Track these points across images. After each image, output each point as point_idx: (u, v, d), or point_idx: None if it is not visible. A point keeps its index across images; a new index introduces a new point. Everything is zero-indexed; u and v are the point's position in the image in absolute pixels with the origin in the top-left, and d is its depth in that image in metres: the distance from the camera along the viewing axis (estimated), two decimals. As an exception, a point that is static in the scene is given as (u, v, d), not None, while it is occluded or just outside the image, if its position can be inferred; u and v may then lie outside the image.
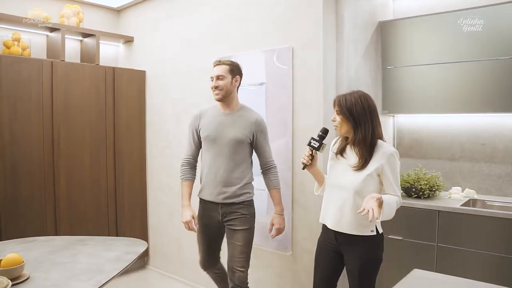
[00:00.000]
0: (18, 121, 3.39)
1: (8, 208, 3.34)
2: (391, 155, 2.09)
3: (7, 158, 3.33)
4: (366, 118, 2.10)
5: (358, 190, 2.10)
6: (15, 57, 3.43)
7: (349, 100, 2.11)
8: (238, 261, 2.59)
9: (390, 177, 2.09)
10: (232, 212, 2.62)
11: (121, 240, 2.66)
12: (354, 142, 2.13)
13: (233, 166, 2.62)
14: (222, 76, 2.60)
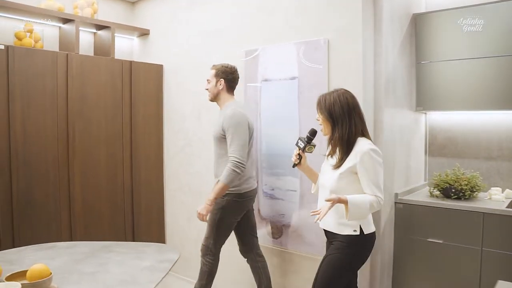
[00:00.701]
0: (32, 117, 3.10)
1: (21, 210, 3.05)
2: (365, 153, 2.01)
3: (20, 157, 3.05)
4: (344, 117, 2.07)
5: (333, 189, 2.07)
6: (28, 48, 3.14)
7: (328, 100, 2.11)
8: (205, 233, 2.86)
9: (365, 176, 2.01)
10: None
11: (149, 246, 2.41)
12: (332, 141, 2.12)
13: (217, 160, 2.82)
14: (209, 80, 2.89)
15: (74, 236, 3.31)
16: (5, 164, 2.99)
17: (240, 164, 2.62)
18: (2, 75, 2.96)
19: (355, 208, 1.95)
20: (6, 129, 3.00)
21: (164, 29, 3.91)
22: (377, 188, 2.01)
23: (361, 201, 1.98)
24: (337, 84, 2.74)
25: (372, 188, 2.01)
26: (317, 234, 2.86)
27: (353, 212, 1.95)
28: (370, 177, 2.01)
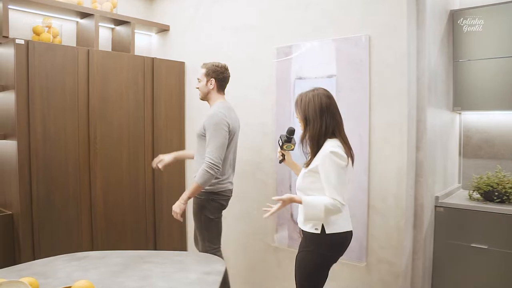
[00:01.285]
0: (52, 117, 2.87)
1: (41, 214, 2.83)
2: (326, 155, 1.97)
3: (40, 159, 2.82)
4: (315, 117, 2.04)
5: (300, 188, 2.11)
6: (48, 44, 2.91)
7: (304, 100, 2.09)
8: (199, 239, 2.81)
9: (324, 178, 1.98)
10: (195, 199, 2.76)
11: (188, 255, 2.21)
12: (304, 140, 2.09)
13: (197, 157, 2.78)
14: (199, 79, 2.80)
15: (95, 242, 3.09)
16: (25, 166, 2.76)
17: (214, 165, 2.55)
18: (22, 71, 2.73)
19: (309, 208, 1.96)
20: (26, 129, 2.77)
21: (185, 25, 3.69)
22: (335, 191, 1.95)
23: (317, 203, 1.95)
24: (380, 83, 2.58)
25: (331, 190, 1.95)
26: (356, 239, 2.67)
27: (307, 213, 1.97)
28: (329, 179, 1.96)
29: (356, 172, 2.66)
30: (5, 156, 2.88)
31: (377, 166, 2.61)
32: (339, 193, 1.95)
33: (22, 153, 2.75)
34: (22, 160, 2.75)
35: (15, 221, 2.79)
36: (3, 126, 2.88)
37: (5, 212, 2.84)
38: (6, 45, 2.82)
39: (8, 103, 2.81)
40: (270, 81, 3.06)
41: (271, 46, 3.07)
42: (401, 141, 2.52)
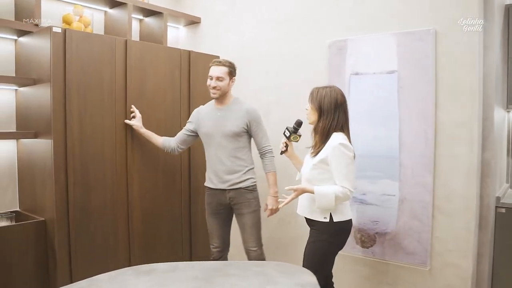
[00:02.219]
0: (88, 113, 2.57)
1: (77, 219, 2.53)
2: (335, 147, 2.08)
3: (76, 160, 2.52)
4: (330, 110, 2.14)
5: (308, 178, 2.18)
6: (85, 33, 2.61)
7: (320, 92, 2.18)
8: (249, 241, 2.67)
9: (334, 168, 2.08)
10: (239, 197, 2.65)
11: (268, 265, 1.97)
12: (316, 130, 2.19)
13: (234, 154, 2.65)
14: (221, 78, 2.62)
15: (132, 248, 2.80)
16: (61, 168, 2.45)
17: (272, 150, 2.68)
18: (59, 63, 2.42)
19: (321, 197, 2.06)
20: (62, 127, 2.46)
21: (219, 18, 3.42)
22: (346, 179, 2.06)
23: (327, 191, 2.06)
24: (447, 79, 2.42)
25: (341, 178, 2.06)
26: (419, 242, 2.52)
27: (319, 201, 2.07)
28: (339, 168, 2.07)
29: (419, 171, 2.50)
30: (36, 156, 2.57)
31: (443, 166, 2.44)
32: (349, 181, 2.06)
33: (58, 153, 2.44)
34: (58, 161, 2.44)
35: (49, 228, 2.49)
36: (34, 124, 2.57)
37: (37, 218, 2.53)
38: (39, 35, 2.50)
39: (41, 98, 2.50)
40: (321, 77, 2.85)
41: (322, 40, 2.86)
42: (471, 140, 2.37)
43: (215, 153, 2.67)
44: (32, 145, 2.61)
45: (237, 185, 2.64)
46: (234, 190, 2.64)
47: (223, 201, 2.70)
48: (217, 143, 2.65)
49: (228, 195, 2.67)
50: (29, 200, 2.67)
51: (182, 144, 2.82)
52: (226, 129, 2.63)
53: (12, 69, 2.73)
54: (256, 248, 2.65)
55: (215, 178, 2.68)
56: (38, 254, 2.47)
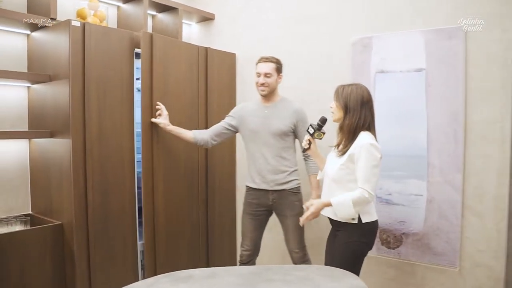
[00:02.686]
0: (108, 112, 2.45)
1: (97, 225, 2.41)
2: (364, 146, 2.01)
3: (95, 160, 2.39)
4: (356, 108, 2.08)
5: (335, 178, 2.11)
6: (104, 27, 2.48)
7: (346, 89, 2.12)
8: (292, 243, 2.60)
9: (358, 167, 2.02)
10: (282, 199, 2.57)
11: (309, 269, 1.89)
12: (342, 128, 2.13)
13: (280, 154, 2.56)
14: (269, 74, 2.55)
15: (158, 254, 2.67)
16: (80, 168, 2.33)
17: None
18: (78, 58, 2.30)
19: (340, 208, 2.03)
20: (81, 126, 2.34)
21: (235, 14, 3.32)
22: (368, 182, 1.99)
23: (344, 200, 2.01)
24: (478, 77, 2.37)
25: (362, 179, 2.00)
26: (448, 242, 2.47)
27: (340, 212, 2.04)
28: (364, 170, 2.00)
29: (448, 170, 2.45)
30: (52, 156, 2.43)
31: (474, 165, 2.39)
32: (370, 185, 1.99)
33: (77, 154, 2.31)
34: (77, 162, 2.31)
35: (67, 232, 2.36)
36: (50, 123, 2.44)
37: (53, 222, 2.39)
38: (56, 29, 2.37)
39: (57, 96, 2.37)
40: (344, 75, 2.78)
41: (344, 38, 2.78)
42: (502, 139, 2.32)
43: (260, 151, 2.58)
44: (47, 145, 2.47)
45: (281, 186, 2.55)
46: (278, 191, 2.56)
47: (264, 202, 2.61)
48: (263, 141, 2.57)
49: (271, 197, 2.58)
50: (43, 202, 2.53)
51: (217, 137, 2.68)
52: (274, 127, 2.54)
53: (24, 65, 2.59)
54: (298, 250, 2.58)
55: (258, 177, 2.59)
56: (55, 259, 2.34)
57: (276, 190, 2.56)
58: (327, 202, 2.08)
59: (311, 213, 2.11)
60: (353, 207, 1.99)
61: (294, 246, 2.58)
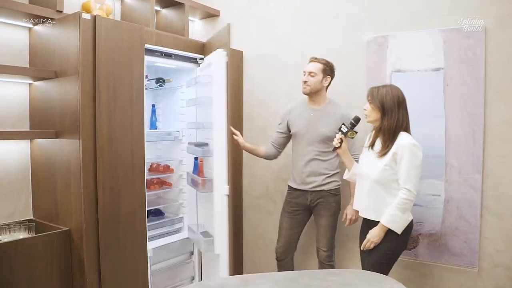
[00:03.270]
0: (118, 110, 2.31)
1: (106, 227, 2.26)
2: (406, 146, 2.02)
3: (105, 162, 2.25)
4: (394, 109, 2.08)
5: (378, 179, 2.09)
6: (115, 21, 2.35)
7: (381, 91, 2.11)
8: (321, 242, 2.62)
9: (400, 168, 2.03)
10: (320, 199, 2.57)
11: (345, 273, 1.83)
12: (380, 130, 2.11)
13: (321, 158, 2.56)
14: (313, 73, 2.53)
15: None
16: (90, 171, 2.19)
17: None
18: (88, 53, 2.16)
19: (394, 224, 2.02)
20: (91, 126, 2.19)
21: (242, 11, 3.23)
22: (411, 182, 2.01)
23: (393, 215, 2.01)
24: (498, 77, 2.37)
25: (404, 179, 2.01)
26: (467, 243, 2.45)
27: (396, 227, 2.02)
28: (407, 170, 2.01)
29: (467, 170, 2.44)
30: (58, 158, 2.28)
31: (493, 166, 2.39)
32: (413, 184, 2.01)
33: (87, 154, 2.17)
34: (87, 162, 2.17)
35: (76, 238, 2.21)
36: (55, 122, 2.28)
37: (60, 228, 2.24)
38: (63, 22, 2.22)
39: (64, 93, 2.22)
40: (359, 74, 2.74)
41: (359, 36, 2.74)
42: (522, 139, 2.32)
43: (302, 153, 2.59)
44: (52, 145, 2.31)
45: (319, 187, 2.57)
46: (316, 192, 2.58)
47: (302, 202, 2.63)
48: (306, 144, 2.57)
49: (310, 197, 2.60)
50: (46, 207, 2.37)
51: (280, 146, 2.74)
52: (318, 131, 2.54)
53: (25, 61, 2.42)
54: (326, 249, 2.60)
55: (298, 178, 2.61)
56: (62, 267, 2.20)
57: (315, 191, 2.58)
58: (382, 229, 2.04)
59: (371, 242, 2.07)
60: (402, 213, 2.01)
61: (323, 245, 2.60)
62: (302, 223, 2.71)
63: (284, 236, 2.68)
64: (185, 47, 2.75)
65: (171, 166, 2.99)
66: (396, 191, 2.05)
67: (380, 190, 2.08)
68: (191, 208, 2.95)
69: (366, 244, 2.08)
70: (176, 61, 2.73)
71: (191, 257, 2.95)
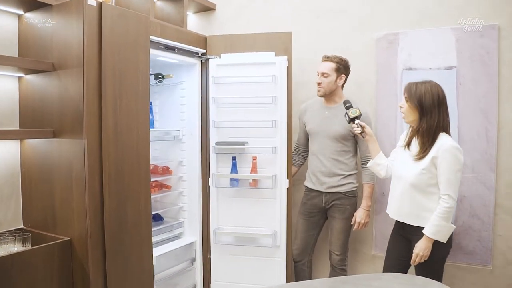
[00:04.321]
0: (124, 108, 2.12)
1: (112, 233, 2.07)
2: (446, 150, 1.91)
3: (111, 163, 2.06)
4: (433, 108, 1.95)
5: (414, 183, 1.98)
6: (121, 9, 2.15)
7: (419, 88, 1.98)
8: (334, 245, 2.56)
9: (441, 173, 1.92)
10: (334, 201, 2.52)
11: (385, 277, 1.76)
12: (418, 131, 1.99)
13: (337, 158, 2.50)
14: (326, 74, 2.46)
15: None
16: (95, 173, 1.99)
17: None
18: (93, 43, 1.96)
19: (440, 234, 1.92)
20: (97, 124, 2.00)
21: (240, 6, 3.09)
22: (452, 187, 1.91)
23: (438, 225, 1.91)
24: (510, 76, 2.38)
25: (445, 185, 1.91)
26: (480, 241, 2.47)
27: (442, 237, 1.93)
28: (446, 174, 1.90)
29: (480, 169, 2.45)
30: (56, 159, 2.05)
31: (507, 164, 2.42)
32: (454, 190, 1.91)
33: (93, 155, 1.97)
34: (93, 164, 1.97)
35: (78, 249, 2.00)
36: (51, 120, 2.05)
37: (60, 238, 2.02)
38: (63, 9, 2.00)
39: (63, 88, 2.01)
40: (368, 72, 2.70)
41: (368, 33, 2.70)
42: (534, 137, 2.36)
43: (317, 153, 2.56)
44: (48, 146, 2.08)
45: (334, 188, 2.52)
46: (331, 193, 2.52)
47: (318, 203, 2.58)
48: (320, 143, 2.53)
49: (325, 199, 2.55)
50: (40, 215, 2.13)
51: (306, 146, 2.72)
52: (332, 130, 2.49)
53: (14, 52, 2.17)
54: (339, 253, 2.55)
55: (313, 178, 2.58)
56: (63, 280, 1.98)
57: (330, 192, 2.52)
58: (429, 241, 1.94)
59: (421, 257, 1.96)
60: (448, 223, 1.93)
61: (336, 249, 2.55)
62: (318, 226, 2.64)
63: (300, 239, 2.65)
64: (188, 41, 2.59)
65: (170, 167, 2.81)
66: (433, 195, 1.96)
67: (417, 194, 1.99)
68: (192, 212, 2.78)
69: (416, 259, 1.96)
70: (178, 55, 2.57)
71: (193, 264, 2.78)
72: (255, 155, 2.58)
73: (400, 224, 2.12)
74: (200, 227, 2.79)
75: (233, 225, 2.68)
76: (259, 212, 2.63)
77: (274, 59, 2.55)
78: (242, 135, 2.62)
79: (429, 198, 1.96)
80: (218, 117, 2.64)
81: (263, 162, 2.60)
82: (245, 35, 2.67)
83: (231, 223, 2.68)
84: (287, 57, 2.57)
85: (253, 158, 2.58)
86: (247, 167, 2.62)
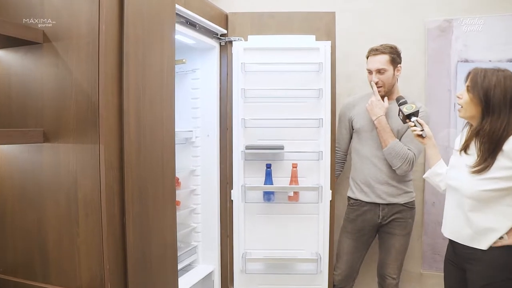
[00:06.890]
0: (147, 101, 1.53)
1: (136, 281, 1.47)
2: None
3: (134, 178, 1.45)
4: (503, 107, 1.51)
5: (479, 197, 1.56)
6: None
7: (489, 78, 1.54)
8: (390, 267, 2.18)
9: None
10: (395, 215, 2.14)
11: None
12: (478, 133, 1.56)
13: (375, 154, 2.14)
14: (383, 70, 2.09)
15: None
16: (115, 196, 1.38)
17: None
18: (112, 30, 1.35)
19: None
20: (117, 124, 1.39)
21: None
22: None
23: None
24: None
25: None
26: None
27: None
28: None
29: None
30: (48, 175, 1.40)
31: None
32: None
33: (112, 169, 1.36)
34: (111, 182, 1.36)
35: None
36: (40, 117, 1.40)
37: (59, 289, 1.38)
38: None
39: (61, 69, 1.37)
40: (416, 64, 2.35)
41: (417, 19, 2.36)
42: None
43: (370, 156, 2.14)
44: (34, 155, 1.42)
45: (395, 198, 2.13)
46: (390, 205, 2.13)
47: (372, 219, 2.17)
48: (374, 144, 2.12)
49: (382, 213, 2.15)
50: (21, 256, 1.46)
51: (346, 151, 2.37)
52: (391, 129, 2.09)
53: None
54: (395, 276, 2.19)
55: (365, 187, 2.16)
56: None
57: (388, 204, 2.13)
58: None
59: None
60: None
61: (393, 272, 2.19)
62: (367, 245, 2.25)
63: (345, 262, 2.25)
64: (211, 16, 2.03)
65: (179, 178, 2.22)
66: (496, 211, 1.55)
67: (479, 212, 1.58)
68: (209, 234, 2.22)
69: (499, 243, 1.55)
70: (199, 34, 2.00)
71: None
72: (295, 162, 2.10)
73: (451, 247, 1.73)
74: (219, 252, 2.24)
75: (263, 248, 2.17)
76: (297, 232, 2.16)
77: (317, 44, 2.09)
78: (274, 137, 2.14)
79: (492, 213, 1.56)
80: (246, 114, 2.11)
81: (303, 171, 2.14)
82: (278, 13, 2.17)
83: (260, 246, 2.17)
84: (331, 42, 2.12)
85: (293, 165, 2.10)
86: (282, 176, 2.14)
